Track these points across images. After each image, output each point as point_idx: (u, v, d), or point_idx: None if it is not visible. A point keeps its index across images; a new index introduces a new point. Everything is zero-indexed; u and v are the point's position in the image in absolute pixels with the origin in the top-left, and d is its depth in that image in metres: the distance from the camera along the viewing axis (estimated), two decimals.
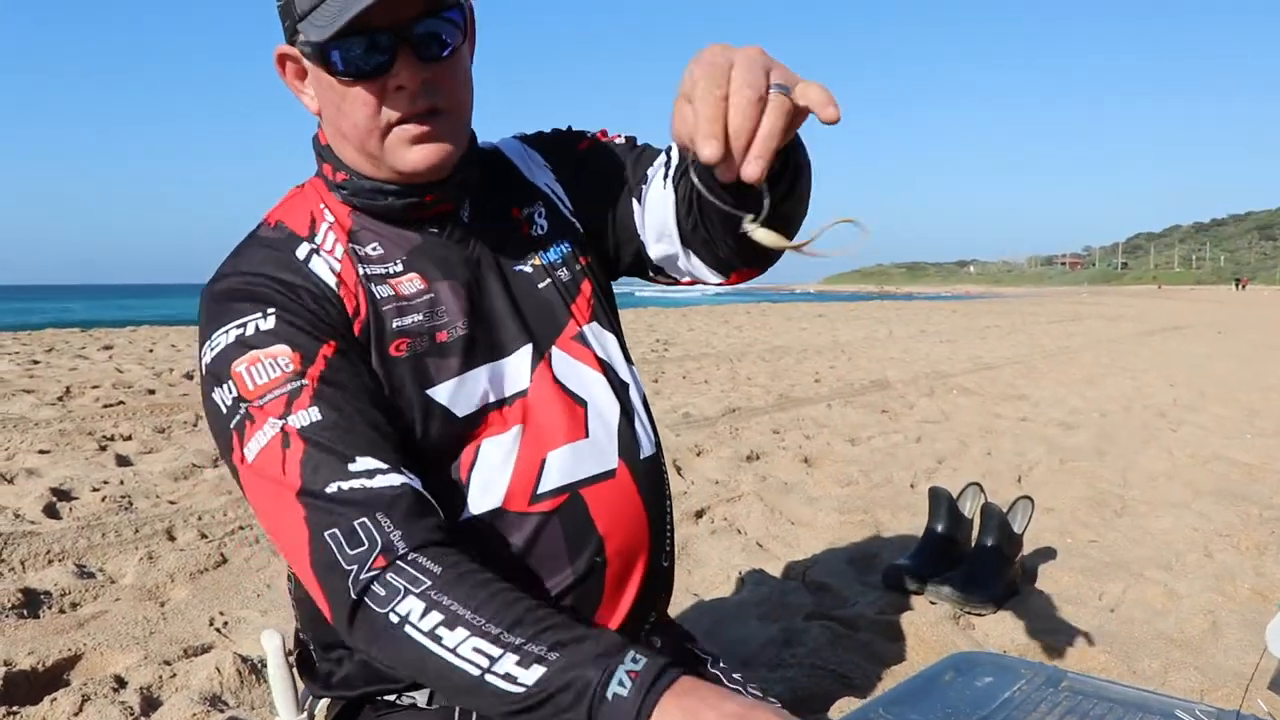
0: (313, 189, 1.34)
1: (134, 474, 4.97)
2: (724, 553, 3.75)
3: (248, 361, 1.13)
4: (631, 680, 0.94)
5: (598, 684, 0.94)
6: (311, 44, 1.16)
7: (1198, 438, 6.45)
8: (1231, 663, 2.79)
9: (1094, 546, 3.94)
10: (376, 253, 1.28)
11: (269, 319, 1.16)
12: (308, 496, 1.07)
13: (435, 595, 1.01)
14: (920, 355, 12.91)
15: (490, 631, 0.98)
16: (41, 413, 6.81)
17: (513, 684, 0.96)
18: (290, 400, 1.11)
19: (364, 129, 1.20)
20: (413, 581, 1.02)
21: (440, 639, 0.99)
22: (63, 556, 3.58)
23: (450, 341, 1.25)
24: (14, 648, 2.75)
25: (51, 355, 11.93)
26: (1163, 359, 12.96)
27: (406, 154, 1.21)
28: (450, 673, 0.98)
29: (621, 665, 0.95)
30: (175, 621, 3.04)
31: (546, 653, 0.96)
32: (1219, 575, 3.52)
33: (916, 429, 6.76)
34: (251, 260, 1.23)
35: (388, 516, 1.06)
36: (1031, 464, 5.53)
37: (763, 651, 2.82)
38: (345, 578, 1.03)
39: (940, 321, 23.23)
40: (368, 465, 1.08)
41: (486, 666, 0.97)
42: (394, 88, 1.17)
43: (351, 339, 1.20)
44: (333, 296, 1.21)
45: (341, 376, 1.15)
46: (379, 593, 1.02)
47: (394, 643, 1.01)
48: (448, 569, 1.03)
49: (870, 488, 4.91)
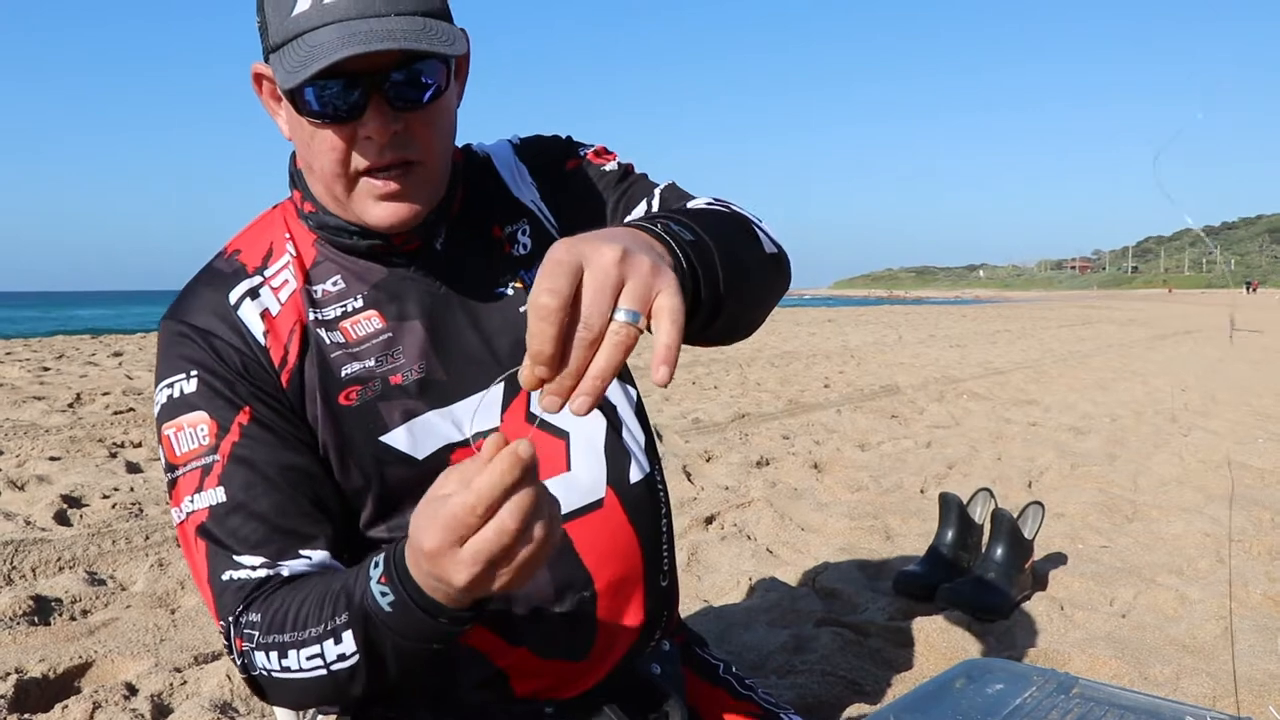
0: (282, 214, 1.31)
1: (144, 481, 4.98)
2: (734, 559, 3.74)
3: (174, 427, 1.17)
4: (386, 585, 0.97)
5: (374, 611, 0.99)
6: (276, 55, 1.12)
7: (1209, 442, 6.43)
8: (1244, 668, 2.77)
9: (1105, 552, 3.92)
10: (336, 288, 1.24)
11: (192, 381, 1.18)
12: (209, 580, 1.15)
13: (263, 639, 1.08)
14: (930, 360, 12.89)
15: (303, 637, 1.05)
16: (52, 419, 6.83)
17: (346, 660, 1.03)
18: (203, 475, 1.15)
19: (330, 174, 1.15)
20: (250, 640, 1.09)
21: (289, 668, 1.07)
22: (73, 563, 3.59)
23: (406, 384, 1.21)
24: (25, 655, 2.76)
25: (62, 362, 11.98)
26: (1173, 363, 12.92)
27: (371, 208, 1.17)
28: (320, 684, 1.06)
29: (371, 583, 0.99)
30: (186, 629, 3.05)
31: (340, 619, 1.02)
32: (1231, 581, 3.50)
33: (926, 434, 6.75)
34: (190, 306, 1.23)
35: (246, 608, 1.12)
36: (1042, 469, 5.51)
37: (773, 658, 2.81)
38: (237, 665, 1.13)
39: (950, 326, 23.20)
40: (249, 559, 1.13)
41: (324, 664, 1.04)
42: (363, 137, 1.12)
43: (275, 395, 1.19)
44: (258, 349, 1.19)
45: (250, 451, 1.16)
46: (246, 662, 1.11)
47: (278, 688, 1.11)
48: (263, 613, 1.10)
49: (880, 493, 4.90)
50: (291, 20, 1.08)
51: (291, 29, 1.09)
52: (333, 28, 1.07)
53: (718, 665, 1.49)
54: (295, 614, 1.07)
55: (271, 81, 1.19)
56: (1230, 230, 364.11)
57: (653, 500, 1.34)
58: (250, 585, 1.12)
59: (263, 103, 1.23)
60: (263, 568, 1.13)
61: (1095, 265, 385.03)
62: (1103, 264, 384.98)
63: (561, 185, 1.39)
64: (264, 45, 1.15)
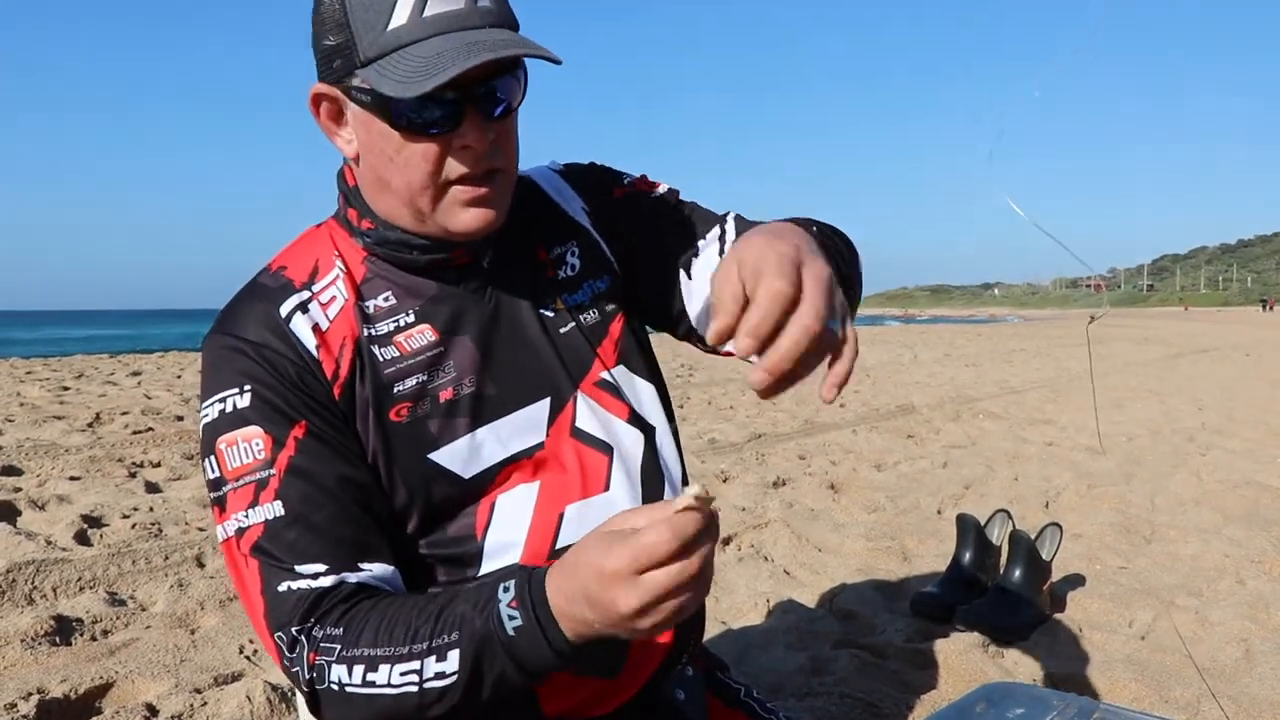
0: (328, 232, 1.31)
1: (163, 501, 5.01)
2: (751, 580, 3.74)
3: (227, 442, 1.16)
4: (516, 609, 1.01)
5: (496, 632, 1.02)
6: (375, 94, 1.12)
7: (1227, 462, 6.40)
8: (1266, 692, 2.76)
9: (1123, 573, 3.90)
10: (387, 304, 1.25)
11: (245, 396, 1.17)
12: (263, 592, 1.13)
13: (347, 653, 1.07)
14: (945, 379, 12.85)
15: (402, 653, 1.05)
16: (72, 439, 6.87)
17: (445, 679, 1.04)
18: (258, 490, 1.14)
19: (418, 185, 1.17)
20: (328, 653, 1.08)
21: (374, 683, 1.06)
22: (94, 584, 3.61)
23: (457, 399, 1.23)
24: (47, 676, 2.77)
25: (81, 381, 12.05)
26: (1191, 382, 12.86)
27: (460, 215, 1.19)
28: (402, 702, 1.06)
29: (500, 604, 1.02)
30: (206, 649, 3.06)
31: (449, 637, 1.04)
32: (1251, 603, 3.48)
33: (943, 454, 6.74)
34: (239, 319, 1.22)
35: (318, 621, 1.11)
36: (1059, 489, 5.49)
37: (791, 680, 2.81)
38: (297, 678, 1.11)
39: (965, 345, 23.14)
40: (311, 569, 1.12)
41: (419, 680, 1.05)
42: (459, 146, 1.15)
43: (328, 407, 1.19)
44: (312, 361, 1.19)
45: (307, 463, 1.15)
46: (316, 675, 1.09)
47: (349, 704, 1.08)
48: (348, 626, 1.09)
49: (897, 514, 4.89)
50: (390, 34, 1.10)
51: (391, 42, 1.10)
52: (438, 40, 1.10)
53: (738, 689, 1.50)
54: (390, 630, 1.07)
55: (334, 102, 1.20)
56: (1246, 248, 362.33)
57: None
58: (315, 594, 1.11)
59: (320, 124, 1.23)
60: (326, 575, 1.12)
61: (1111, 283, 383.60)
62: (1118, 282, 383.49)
63: (613, 211, 1.42)
64: (336, 64, 1.15)
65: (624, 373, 1.35)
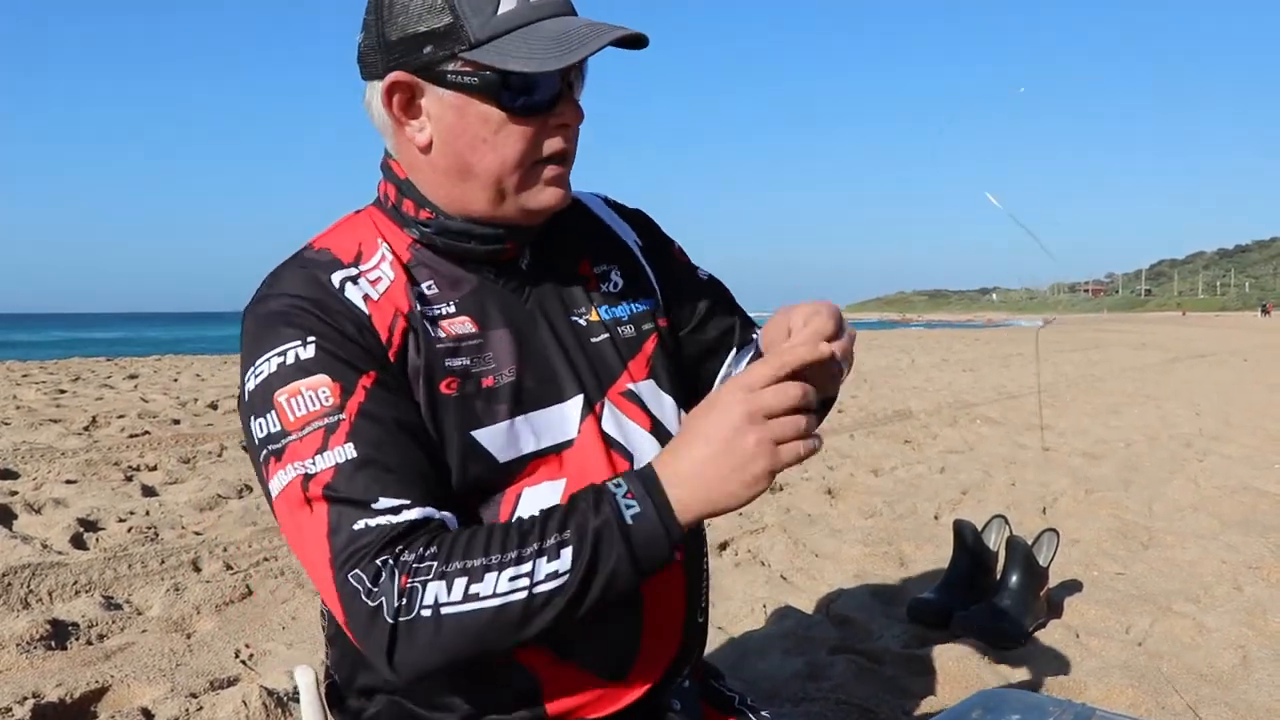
0: (369, 219, 1.32)
1: (159, 505, 5.01)
2: (748, 585, 3.74)
3: (289, 393, 1.12)
4: (633, 499, 1.06)
5: (615, 521, 1.05)
6: (485, 74, 1.16)
7: (1225, 467, 6.40)
8: (1263, 698, 2.76)
9: (1120, 579, 3.90)
10: (430, 292, 1.26)
11: (309, 347, 1.14)
12: (329, 536, 1.07)
13: (446, 568, 1.04)
14: (943, 384, 12.86)
15: (510, 558, 1.04)
16: (68, 442, 6.87)
17: (558, 578, 1.04)
18: (327, 434, 1.10)
19: (511, 165, 1.21)
20: (424, 572, 1.04)
21: (477, 595, 1.03)
22: (90, 588, 3.61)
23: (497, 388, 1.24)
24: (42, 679, 2.77)
25: (78, 385, 12.05)
26: (1188, 387, 12.87)
27: (541, 193, 1.24)
28: (505, 614, 1.03)
29: (616, 496, 1.07)
30: (201, 654, 3.06)
31: (560, 535, 1.05)
32: (1249, 609, 3.48)
33: (940, 459, 6.74)
34: (290, 282, 1.21)
35: (407, 547, 1.06)
36: (1056, 495, 5.50)
37: (787, 685, 2.81)
38: (377, 616, 1.03)
39: (962, 350, 23.14)
40: (391, 503, 1.08)
41: (529, 584, 1.03)
42: (555, 125, 1.21)
43: (390, 368, 1.18)
44: (367, 324, 1.18)
45: (379, 409, 1.12)
46: (405, 604, 1.03)
47: (439, 633, 1.03)
48: (443, 544, 1.06)
49: (894, 519, 4.89)
50: (501, 17, 1.16)
51: (503, 24, 1.16)
52: (548, 23, 1.18)
53: (733, 697, 1.50)
54: (493, 541, 1.06)
55: (408, 91, 1.20)
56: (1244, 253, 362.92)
57: (697, 537, 1.40)
58: (402, 526, 1.07)
59: (390, 115, 1.22)
60: (412, 509, 1.08)
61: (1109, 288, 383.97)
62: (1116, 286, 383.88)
63: (666, 260, 1.50)
64: (430, 50, 1.17)
65: (651, 387, 1.37)
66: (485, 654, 1.07)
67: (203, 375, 14.00)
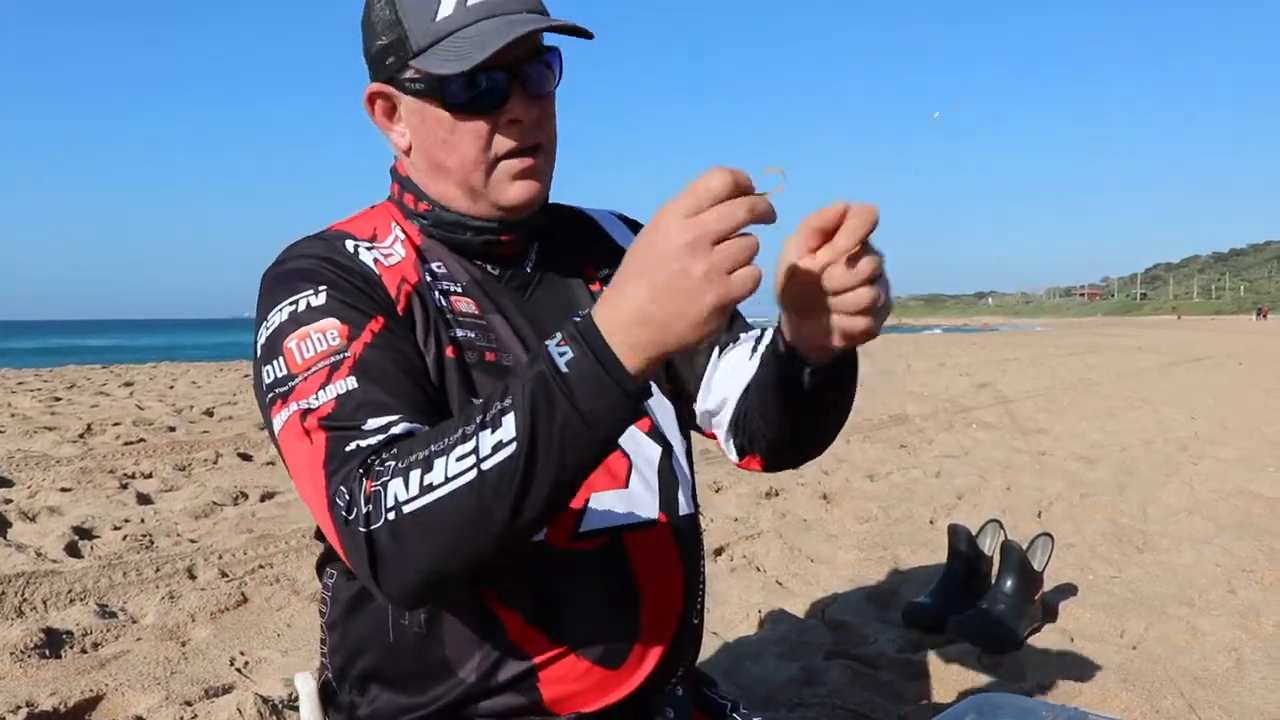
0: (385, 210, 1.38)
1: (155, 512, 5.00)
2: (743, 590, 3.74)
3: (298, 338, 1.15)
4: (565, 345, 0.96)
5: (551, 373, 0.95)
6: (428, 79, 1.22)
7: (1220, 471, 6.41)
8: (1257, 701, 2.76)
9: (1115, 582, 3.91)
10: (441, 270, 1.32)
11: (320, 295, 1.19)
12: (325, 463, 1.06)
13: (402, 465, 1.00)
14: (939, 389, 12.87)
15: (456, 438, 0.98)
16: (63, 450, 6.86)
17: (504, 448, 0.96)
18: (331, 371, 1.12)
19: (471, 162, 1.25)
20: (385, 474, 1.00)
21: (430, 485, 0.97)
22: (84, 596, 3.60)
23: (499, 365, 1.27)
24: (36, 688, 2.76)
25: (73, 392, 12.04)
26: (1183, 391, 12.89)
27: (509, 188, 1.27)
28: (461, 499, 0.97)
29: (549, 346, 0.97)
30: (196, 661, 3.05)
31: (502, 403, 0.97)
32: (1243, 612, 3.49)
33: (935, 464, 6.74)
34: (306, 246, 1.28)
35: (379, 457, 1.04)
36: (1051, 499, 5.50)
37: (783, 690, 2.81)
38: (355, 528, 1.01)
39: (959, 355, 23.16)
40: (380, 422, 1.07)
41: (475, 460, 0.96)
42: (506, 122, 1.23)
43: (398, 318, 1.22)
44: (377, 281, 1.24)
45: (383, 347, 1.16)
46: (372, 509, 1.00)
47: (411, 538, 0.99)
48: (404, 444, 1.03)
49: (889, 524, 4.90)
50: (438, 24, 1.21)
51: (440, 30, 1.21)
52: (484, 23, 1.20)
53: (725, 704, 1.50)
54: (447, 426, 1.01)
55: (388, 99, 1.29)
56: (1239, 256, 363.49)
57: (695, 538, 1.41)
58: (386, 439, 1.06)
59: (375, 121, 1.32)
60: (399, 423, 1.07)
61: (1104, 291, 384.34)
62: (1111, 290, 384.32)
63: None
64: (389, 62, 1.26)
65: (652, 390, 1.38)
66: (467, 556, 1.00)
67: (198, 382, 13.99)
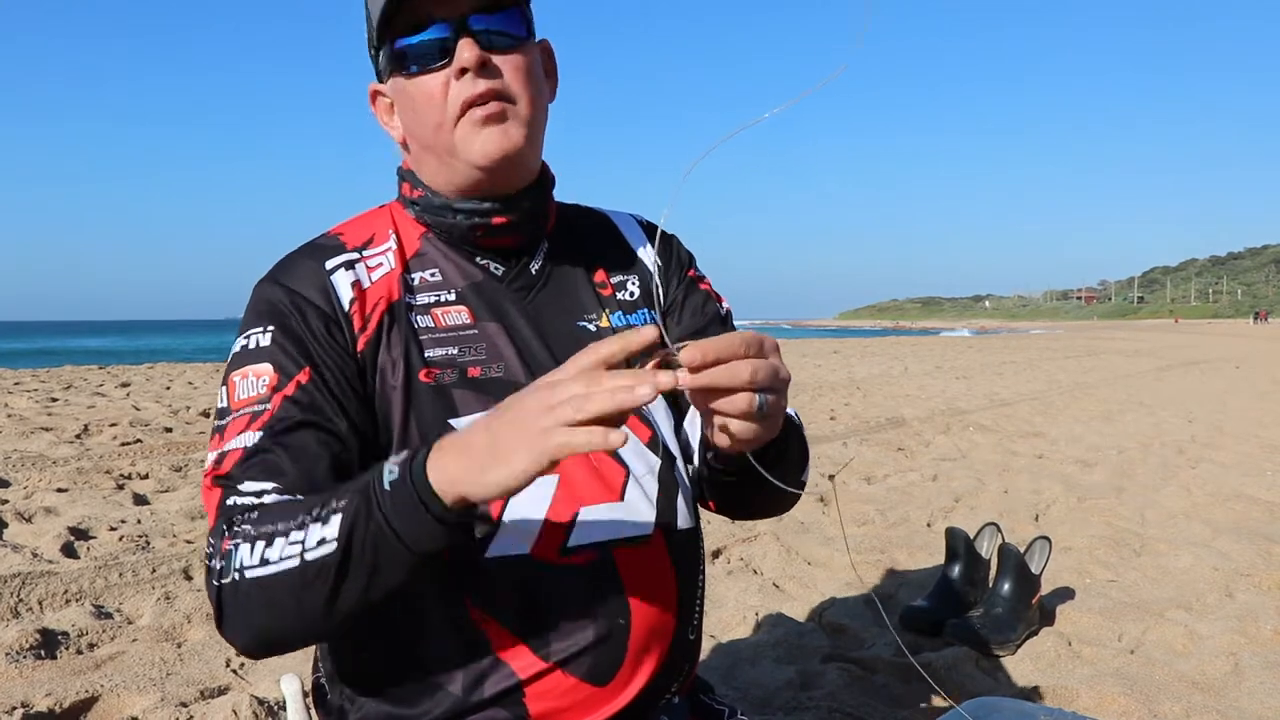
0: (389, 211, 1.41)
1: (151, 513, 4.99)
2: (740, 593, 3.73)
3: (240, 375, 1.23)
4: (395, 465, 1.01)
5: (375, 487, 1.01)
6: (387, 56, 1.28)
7: (1217, 475, 6.41)
8: (1255, 706, 2.76)
9: (1113, 586, 3.90)
10: (433, 278, 1.33)
11: (266, 335, 1.24)
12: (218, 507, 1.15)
13: (255, 531, 1.07)
14: (936, 392, 12.87)
15: (295, 524, 1.05)
16: (60, 451, 6.84)
17: (324, 545, 1.02)
18: (251, 420, 1.19)
19: (434, 123, 1.26)
20: (239, 535, 1.08)
21: (267, 560, 1.05)
22: (80, 596, 3.59)
23: (483, 379, 1.27)
24: (31, 689, 2.75)
25: (70, 393, 12.01)
26: (1181, 394, 12.90)
27: (475, 140, 1.25)
28: (284, 580, 1.04)
29: (384, 463, 1.03)
30: (192, 663, 3.04)
31: (338, 502, 1.03)
32: (1241, 616, 3.48)
33: (933, 467, 6.74)
34: (287, 270, 1.30)
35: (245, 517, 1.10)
36: (1049, 502, 5.50)
37: (779, 694, 2.80)
38: (209, 580, 1.10)
39: (956, 358, 23.17)
40: (264, 487, 1.14)
41: (300, 550, 1.03)
42: (458, 72, 1.24)
43: (347, 358, 1.25)
44: (342, 314, 1.26)
45: (299, 405, 1.20)
46: (223, 566, 1.08)
47: (248, 598, 1.06)
48: (265, 510, 1.10)
49: (887, 527, 4.89)
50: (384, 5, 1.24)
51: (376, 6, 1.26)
52: None
53: (723, 711, 1.49)
54: (298, 505, 1.08)
55: (384, 95, 1.35)
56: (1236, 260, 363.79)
57: (694, 551, 1.40)
58: (253, 506, 1.12)
59: (379, 120, 1.38)
60: (273, 493, 1.14)
61: (1101, 295, 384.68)
62: (1109, 294, 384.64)
63: (680, 284, 1.50)
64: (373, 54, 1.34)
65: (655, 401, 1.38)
66: (293, 630, 1.09)
67: (195, 383, 13.97)
